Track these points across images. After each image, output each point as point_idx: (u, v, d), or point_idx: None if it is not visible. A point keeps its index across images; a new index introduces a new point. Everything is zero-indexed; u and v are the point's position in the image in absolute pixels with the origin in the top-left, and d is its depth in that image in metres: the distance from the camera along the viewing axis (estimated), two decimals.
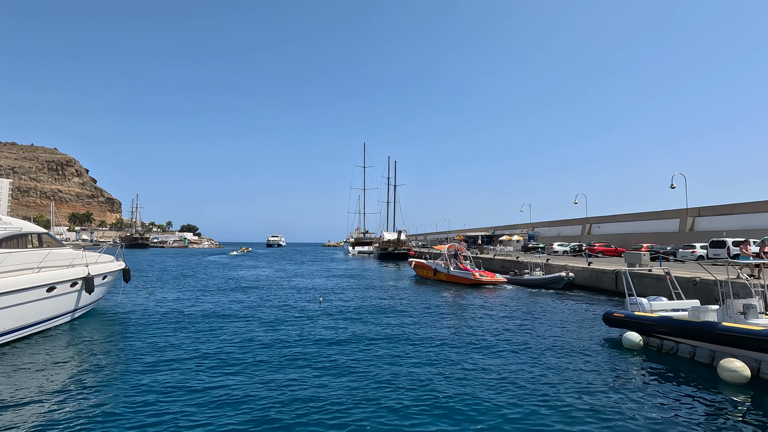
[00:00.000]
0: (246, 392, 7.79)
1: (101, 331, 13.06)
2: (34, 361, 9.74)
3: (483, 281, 26.22)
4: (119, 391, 7.82)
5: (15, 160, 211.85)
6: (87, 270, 13.91)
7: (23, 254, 11.84)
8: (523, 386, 8.19)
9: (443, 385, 8.28)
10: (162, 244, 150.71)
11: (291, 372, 9.05)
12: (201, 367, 9.35)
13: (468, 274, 26.98)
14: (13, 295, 10.88)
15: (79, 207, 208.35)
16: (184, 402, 7.31)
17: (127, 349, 10.90)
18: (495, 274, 28.05)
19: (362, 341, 11.96)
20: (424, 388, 8.09)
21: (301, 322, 14.68)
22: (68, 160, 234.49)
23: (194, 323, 14.30)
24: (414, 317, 15.83)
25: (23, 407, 7.06)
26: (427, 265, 31.41)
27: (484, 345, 11.49)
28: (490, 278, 26.64)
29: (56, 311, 12.90)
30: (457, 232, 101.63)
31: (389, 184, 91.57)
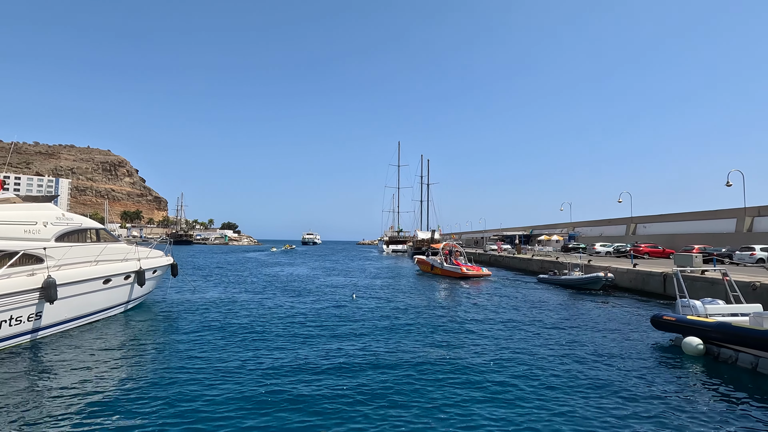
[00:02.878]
0: (278, 381, 8.03)
1: (151, 322, 13.82)
2: (94, 346, 10.45)
3: (469, 274, 30.72)
4: (166, 376, 8.30)
5: (74, 162, 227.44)
6: (139, 264, 14.74)
7: (83, 248, 12.69)
8: (566, 389, 7.95)
9: (486, 389, 8.17)
10: (204, 241, 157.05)
11: (328, 364, 9.23)
12: (239, 357, 9.73)
13: (457, 269, 31.39)
14: (75, 286, 11.71)
15: (129, 205, 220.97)
16: (222, 388, 7.66)
17: (174, 339, 11.51)
18: (482, 268, 32.39)
19: (391, 337, 12.00)
20: (467, 387, 8.03)
21: (334, 317, 14.91)
22: (120, 161, 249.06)
23: (234, 317, 14.85)
24: (454, 320, 15.70)
25: (82, 386, 7.61)
26: (427, 261, 36.32)
27: (518, 344, 11.24)
28: (475, 272, 31.07)
29: (112, 302, 13.76)
30: (493, 231, 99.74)
31: (422, 182, 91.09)
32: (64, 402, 7.05)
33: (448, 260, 33.80)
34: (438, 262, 34.03)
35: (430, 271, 35.14)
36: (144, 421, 6.35)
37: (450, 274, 31.91)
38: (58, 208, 12.38)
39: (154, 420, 6.41)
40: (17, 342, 10.23)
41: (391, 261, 57.10)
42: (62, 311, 11.42)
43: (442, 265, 33.19)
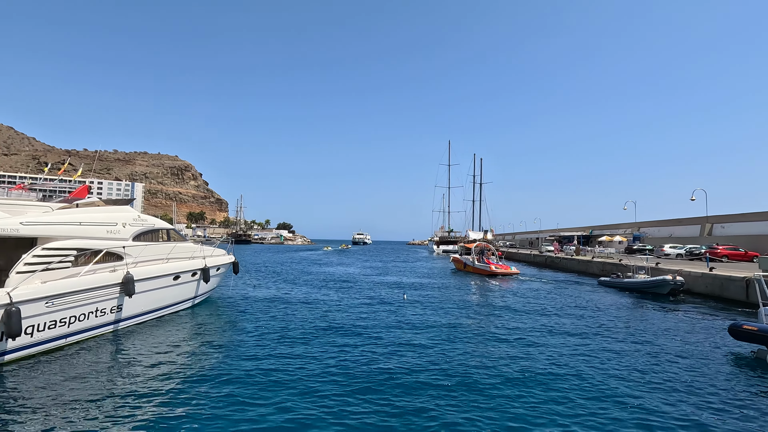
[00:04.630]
0: (333, 375, 8.26)
1: (216, 316, 14.77)
2: (166, 338, 11.37)
3: (497, 272, 33.50)
4: (230, 367, 8.87)
5: (146, 167, 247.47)
6: (204, 262, 15.78)
7: (156, 247, 13.81)
8: (631, 400, 7.49)
9: (549, 393, 7.92)
10: (261, 240, 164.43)
11: (385, 359, 9.36)
12: (296, 351, 10.14)
13: (486, 266, 34.56)
14: (150, 281, 12.77)
15: (194, 207, 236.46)
16: (280, 378, 8.04)
17: (237, 332, 12.23)
18: (510, 267, 35.23)
19: (444, 338, 11.91)
20: (531, 387, 7.82)
21: (386, 314, 15.05)
22: (186, 165, 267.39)
23: (291, 313, 15.48)
24: (513, 324, 15.31)
25: (157, 373, 8.32)
26: (461, 260, 39.76)
27: (577, 350, 10.72)
28: (503, 270, 33.85)
29: (180, 297, 14.84)
30: (548, 231, 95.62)
31: (474, 181, 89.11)
32: (142, 387, 7.74)
33: (480, 259, 36.86)
34: (470, 260, 37.07)
35: (463, 269, 38.42)
36: (213, 405, 6.82)
37: (480, 272, 34.89)
38: (134, 210, 13.58)
39: (221, 405, 6.87)
40: (102, 332, 11.34)
41: (442, 262, 56.52)
42: (139, 305, 12.50)
43: (473, 264, 36.21)
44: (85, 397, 7.29)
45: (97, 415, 6.56)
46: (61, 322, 9.96)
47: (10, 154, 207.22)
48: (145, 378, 8.29)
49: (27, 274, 9.40)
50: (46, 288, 9.53)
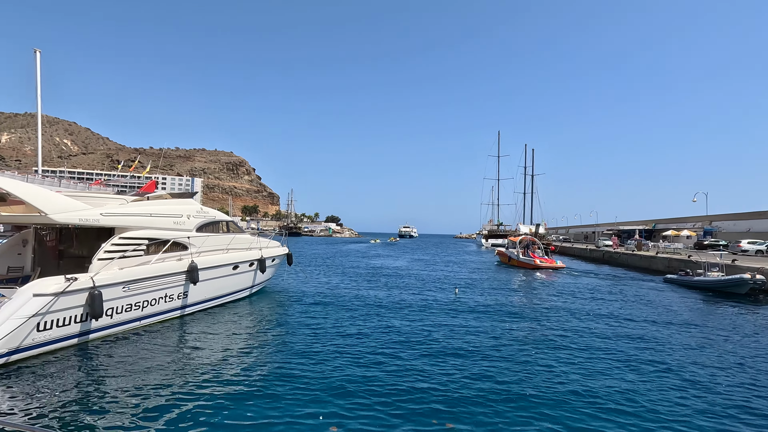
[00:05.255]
0: (383, 370, 8.29)
1: (272, 305, 15.39)
2: (227, 324, 12.00)
3: (541, 266, 33.85)
4: (284, 355, 9.20)
5: (205, 163, 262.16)
6: (261, 253, 16.44)
7: (217, 237, 14.55)
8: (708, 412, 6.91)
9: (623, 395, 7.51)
10: (311, 233, 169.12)
11: (433, 354, 9.31)
12: (348, 342, 10.31)
13: (530, 260, 34.72)
14: (212, 270, 13.51)
15: (248, 200, 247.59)
16: (333, 368, 8.26)
17: (292, 322, 12.67)
18: (555, 261, 35.47)
19: (503, 336, 11.61)
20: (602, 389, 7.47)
21: (437, 310, 14.94)
22: (240, 161, 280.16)
23: (342, 304, 15.80)
24: (564, 319, 14.70)
25: (220, 356, 8.80)
26: (505, 253, 40.24)
27: (646, 353, 10.05)
28: (548, 264, 34.21)
29: (239, 286, 15.58)
30: (606, 225, 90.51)
31: (526, 173, 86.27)
32: (205, 368, 8.23)
33: (525, 253, 37.01)
34: (515, 254, 37.50)
35: (508, 262, 39.08)
36: (268, 390, 7.11)
37: (524, 266, 35.20)
38: (197, 203, 14.38)
39: (278, 388, 7.14)
40: (170, 316, 12.16)
41: (490, 256, 55.22)
42: (202, 292, 13.26)
43: (518, 257, 36.58)
44: (155, 375, 7.88)
45: (165, 392, 7.05)
46: (135, 306, 10.79)
47: (87, 152, 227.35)
48: (208, 360, 8.82)
49: (106, 260, 10.24)
50: (123, 274, 10.34)
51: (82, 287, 9.17)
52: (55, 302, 8.61)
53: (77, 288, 9.07)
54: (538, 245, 39.32)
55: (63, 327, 8.98)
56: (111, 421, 5.98)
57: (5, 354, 7.92)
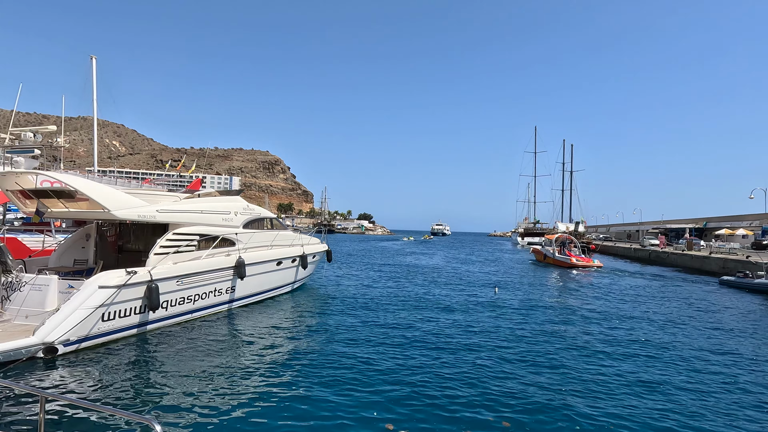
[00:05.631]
0: (431, 370, 8.21)
1: (313, 301, 15.65)
2: (271, 318, 12.30)
3: (578, 264, 33.39)
4: (326, 349, 9.37)
5: (242, 162, 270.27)
6: (303, 249, 16.73)
7: (262, 234, 14.90)
8: None
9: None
10: (344, 230, 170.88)
11: (481, 356, 9.15)
12: (390, 339, 10.30)
13: (567, 259, 34.33)
14: (257, 266, 13.85)
15: (283, 198, 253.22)
16: (380, 366, 8.31)
17: (334, 317, 12.83)
18: (592, 260, 34.46)
19: (544, 336, 11.26)
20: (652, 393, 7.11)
21: (478, 309, 14.69)
22: (276, 160, 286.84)
23: (382, 301, 15.83)
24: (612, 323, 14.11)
25: (266, 348, 9.02)
26: (541, 251, 39.99)
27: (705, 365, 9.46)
28: (584, 262, 33.58)
29: (282, 282, 15.92)
30: (651, 223, 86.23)
31: (564, 169, 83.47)
32: (252, 359, 8.47)
33: (561, 251, 36.64)
34: (551, 252, 37.13)
35: (543, 260, 38.67)
36: (319, 381, 7.20)
37: (560, 264, 34.86)
38: (243, 200, 14.78)
39: (326, 380, 7.22)
40: (219, 310, 12.58)
41: (526, 254, 53.88)
42: (248, 287, 13.63)
43: (554, 255, 36.14)
44: (205, 364, 8.22)
45: (214, 381, 7.35)
46: (188, 299, 11.22)
47: (134, 153, 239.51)
48: (254, 352, 9.13)
49: (162, 255, 10.70)
50: (177, 268, 10.78)
51: (141, 280, 9.62)
52: (117, 294, 9.08)
53: (137, 281, 9.52)
54: (574, 243, 38.68)
55: (124, 318, 9.46)
56: (169, 402, 6.26)
57: (75, 341, 8.42)
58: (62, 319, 8.20)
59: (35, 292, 8.97)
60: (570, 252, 36.37)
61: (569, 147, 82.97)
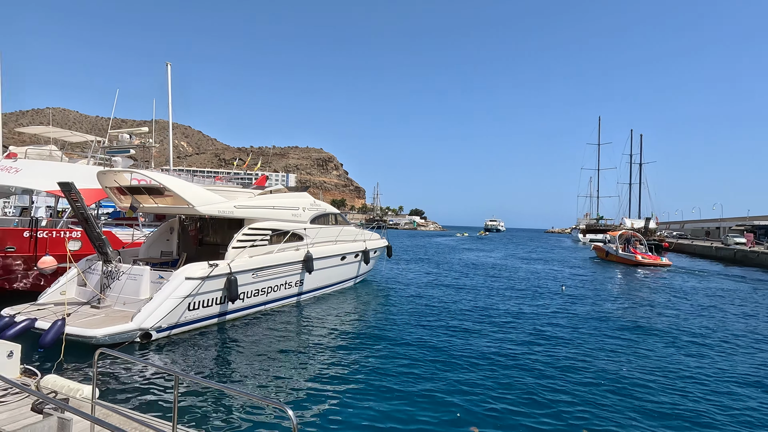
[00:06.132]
0: (506, 372, 7.89)
1: (375, 295, 15.79)
2: (336, 311, 12.52)
3: (643, 262, 32.11)
4: (389, 342, 9.43)
5: (297, 160, 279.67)
6: (365, 245, 16.88)
7: (327, 229, 15.21)
8: None
9: None
10: (396, 225, 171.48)
11: (556, 357, 8.69)
12: (459, 337, 10.08)
13: (631, 256, 33.27)
14: (323, 260, 14.15)
15: (336, 194, 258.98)
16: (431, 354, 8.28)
17: (401, 313, 12.82)
18: (660, 258, 32.85)
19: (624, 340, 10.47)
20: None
21: (547, 307, 14.02)
22: (329, 157, 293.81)
23: (445, 297, 15.61)
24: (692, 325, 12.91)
25: (332, 339, 9.18)
26: (603, 248, 38.93)
27: None
28: (651, 260, 32.23)
29: (346, 276, 16.17)
30: (734, 220, 78.19)
31: (632, 162, 78.08)
32: (319, 348, 8.71)
33: (625, 248, 35.35)
34: (614, 249, 35.99)
35: (605, 257, 37.56)
36: (373, 371, 7.18)
37: (624, 262, 33.77)
38: (311, 196, 15.14)
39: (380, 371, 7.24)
40: (288, 302, 13.00)
41: (588, 251, 50.86)
42: (315, 280, 13.97)
43: (617, 253, 35.00)
44: (278, 352, 8.65)
45: (286, 367, 7.74)
46: (262, 291, 11.69)
47: (200, 153, 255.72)
48: (322, 342, 9.50)
49: (239, 249, 11.21)
50: (253, 261, 11.25)
51: (221, 273, 10.14)
52: (202, 285, 9.62)
53: (218, 273, 10.04)
54: (639, 240, 36.73)
55: (207, 308, 10.02)
56: (253, 384, 6.53)
57: (166, 328, 9.04)
58: (155, 308, 8.82)
59: (131, 281, 9.73)
60: (635, 249, 34.80)
61: (638, 138, 77.39)
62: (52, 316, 8.61)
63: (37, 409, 4.73)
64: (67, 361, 7.41)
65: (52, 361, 7.36)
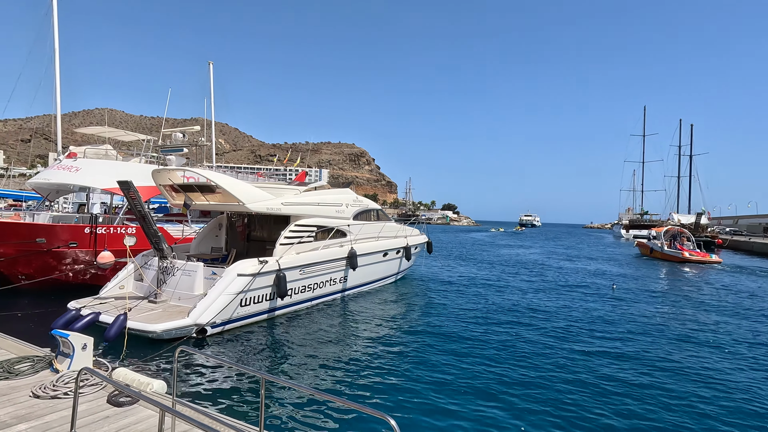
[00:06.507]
0: (527, 364, 7.48)
1: (417, 292, 15.60)
2: (378, 308, 12.41)
3: (691, 260, 31.04)
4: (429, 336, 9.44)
5: (330, 155, 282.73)
6: (406, 241, 16.69)
7: (370, 225, 15.10)
8: None
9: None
10: (428, 220, 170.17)
11: (615, 362, 8.20)
12: (506, 337, 9.72)
13: (678, 253, 32.14)
14: (366, 257, 14.06)
15: (368, 189, 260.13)
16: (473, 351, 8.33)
17: (445, 311, 12.58)
18: (709, 255, 31.76)
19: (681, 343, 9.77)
20: None
21: (599, 308, 13.36)
22: (362, 152, 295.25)
23: (488, 295, 15.20)
24: None
25: (375, 335, 9.05)
26: (647, 244, 37.23)
27: None
28: (699, 257, 31.08)
29: (387, 273, 16.05)
30: None
31: (680, 153, 73.86)
32: (365, 343, 8.56)
33: (670, 244, 34.19)
34: (658, 245, 34.73)
35: (649, 254, 36.34)
36: (417, 365, 6.99)
37: (670, 259, 32.77)
38: (353, 192, 15.08)
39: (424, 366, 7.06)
40: (333, 299, 13.01)
41: (630, 248, 48.49)
42: (358, 277, 13.92)
43: (662, 249, 33.90)
44: (325, 347, 8.77)
45: (332, 362, 7.80)
46: (308, 288, 11.74)
47: (236, 149, 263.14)
48: (366, 337, 9.55)
49: (287, 245, 11.28)
50: (300, 258, 11.30)
51: (271, 269, 10.22)
52: (253, 282, 9.73)
53: (268, 270, 10.12)
54: (686, 236, 35.57)
55: (257, 304, 10.14)
56: (305, 376, 6.45)
57: (220, 324, 9.21)
58: (210, 303, 8.99)
59: (185, 277, 9.97)
60: (681, 246, 33.68)
61: (688, 128, 73.06)
62: (114, 310, 8.95)
63: (114, 401, 4.85)
64: (128, 356, 7.67)
65: (113, 354, 7.64)
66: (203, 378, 6.96)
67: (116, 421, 4.41)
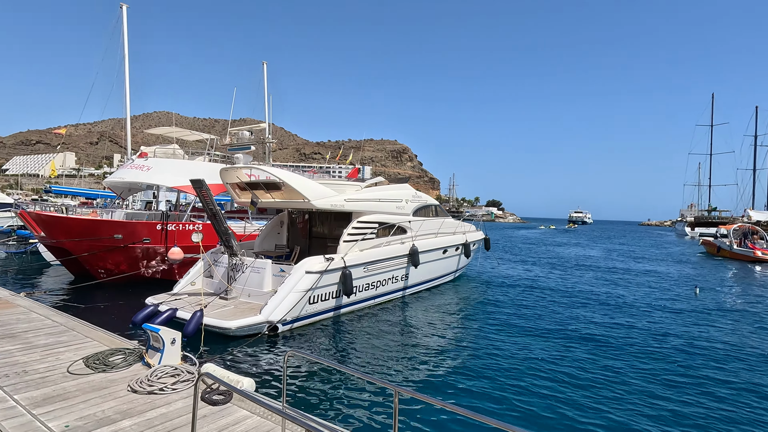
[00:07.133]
0: (590, 374, 6.72)
1: (475, 289, 15.11)
2: (439, 306, 12.02)
3: (764, 259, 29.20)
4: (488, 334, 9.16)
5: (373, 152, 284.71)
6: (465, 237, 16.14)
7: (430, 222, 14.69)
8: None
9: None
10: (472, 217, 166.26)
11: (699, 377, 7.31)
12: (576, 342, 8.99)
13: (749, 252, 30.40)
14: (427, 254, 13.66)
15: (411, 186, 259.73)
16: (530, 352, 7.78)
17: (493, 304, 12.23)
18: None
19: None
20: None
21: (685, 316, 12.19)
22: (404, 148, 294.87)
23: (554, 297, 14.37)
24: None
25: (434, 334, 8.63)
26: (714, 243, 35.26)
27: None
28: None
29: (447, 270, 15.59)
30: None
31: (756, 144, 67.52)
32: (428, 342, 8.20)
33: (741, 243, 32.42)
34: (726, 244, 33.16)
35: (716, 253, 34.62)
36: (476, 364, 6.45)
37: (740, 258, 31.16)
38: (412, 188, 14.72)
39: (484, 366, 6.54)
40: (395, 297, 12.76)
41: (696, 246, 44.79)
42: (419, 274, 13.57)
43: (730, 248, 32.36)
44: (389, 344, 8.59)
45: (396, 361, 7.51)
46: (372, 285, 11.54)
47: (282, 148, 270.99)
48: (429, 335, 9.32)
49: (351, 242, 11.12)
50: (364, 255, 11.11)
51: (337, 267, 10.10)
52: (320, 279, 9.64)
53: (334, 267, 10.01)
54: (760, 234, 33.64)
55: (324, 301, 10.06)
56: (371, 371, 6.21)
57: (290, 321, 9.18)
58: (280, 300, 8.98)
59: (255, 274, 10.05)
60: (753, 244, 31.96)
61: (765, 116, 66.50)
62: (189, 306, 9.15)
63: (208, 399, 4.77)
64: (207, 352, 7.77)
65: (190, 350, 7.76)
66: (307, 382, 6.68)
67: (214, 421, 4.32)
